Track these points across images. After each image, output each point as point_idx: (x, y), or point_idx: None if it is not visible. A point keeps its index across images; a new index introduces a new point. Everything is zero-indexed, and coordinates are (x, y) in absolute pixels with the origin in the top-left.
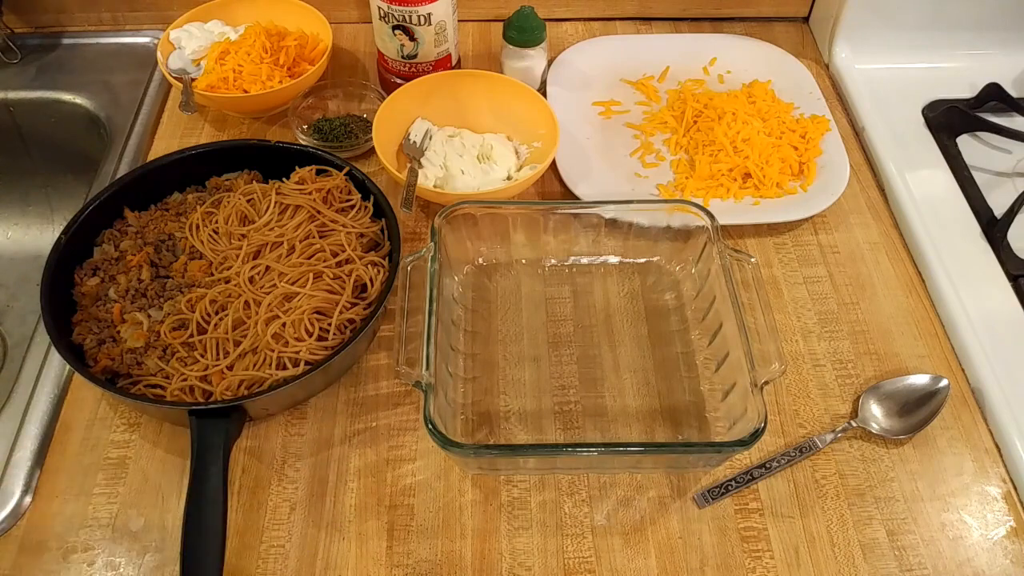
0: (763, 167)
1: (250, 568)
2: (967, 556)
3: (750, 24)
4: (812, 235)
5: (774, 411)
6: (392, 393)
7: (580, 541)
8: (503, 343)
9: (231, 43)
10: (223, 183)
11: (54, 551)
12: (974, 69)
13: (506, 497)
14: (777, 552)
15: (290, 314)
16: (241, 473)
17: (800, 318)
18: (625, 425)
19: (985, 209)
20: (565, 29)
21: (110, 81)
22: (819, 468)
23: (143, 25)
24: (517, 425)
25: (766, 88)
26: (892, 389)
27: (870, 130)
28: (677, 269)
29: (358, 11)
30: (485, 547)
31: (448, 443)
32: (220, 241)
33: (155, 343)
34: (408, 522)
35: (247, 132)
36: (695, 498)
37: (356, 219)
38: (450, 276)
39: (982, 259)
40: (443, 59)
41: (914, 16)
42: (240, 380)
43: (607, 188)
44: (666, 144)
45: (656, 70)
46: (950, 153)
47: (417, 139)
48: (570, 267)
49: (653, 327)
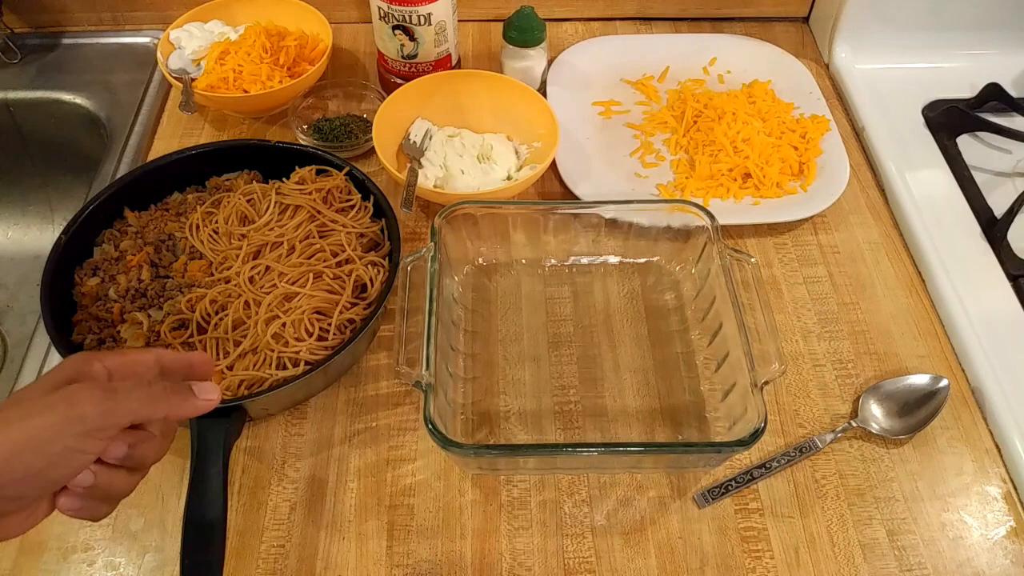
0: (763, 167)
1: (250, 568)
2: (967, 556)
3: (750, 24)
4: (812, 235)
5: (774, 411)
6: (392, 393)
7: (580, 541)
8: (503, 343)
9: (231, 43)
10: (223, 183)
11: (54, 551)
12: (974, 69)
13: (506, 497)
14: (777, 552)
15: (290, 314)
16: (241, 473)
17: (800, 318)
18: (625, 425)
19: (985, 209)
20: (565, 29)
21: (110, 81)
22: (819, 468)
23: (143, 25)
24: (517, 425)
25: (766, 88)
26: (892, 389)
27: (870, 130)
28: (677, 269)
29: (358, 11)
30: (485, 547)
31: (448, 443)
32: (220, 241)
33: (155, 343)
34: (408, 522)
35: (247, 132)
36: (695, 498)
37: (356, 219)
38: (450, 276)
39: (982, 259)
40: (443, 59)
41: (914, 16)
42: (240, 380)
43: (607, 188)
44: (666, 144)
45: (656, 70)
46: (950, 153)
47: (417, 139)
48: (570, 267)
49: (653, 327)
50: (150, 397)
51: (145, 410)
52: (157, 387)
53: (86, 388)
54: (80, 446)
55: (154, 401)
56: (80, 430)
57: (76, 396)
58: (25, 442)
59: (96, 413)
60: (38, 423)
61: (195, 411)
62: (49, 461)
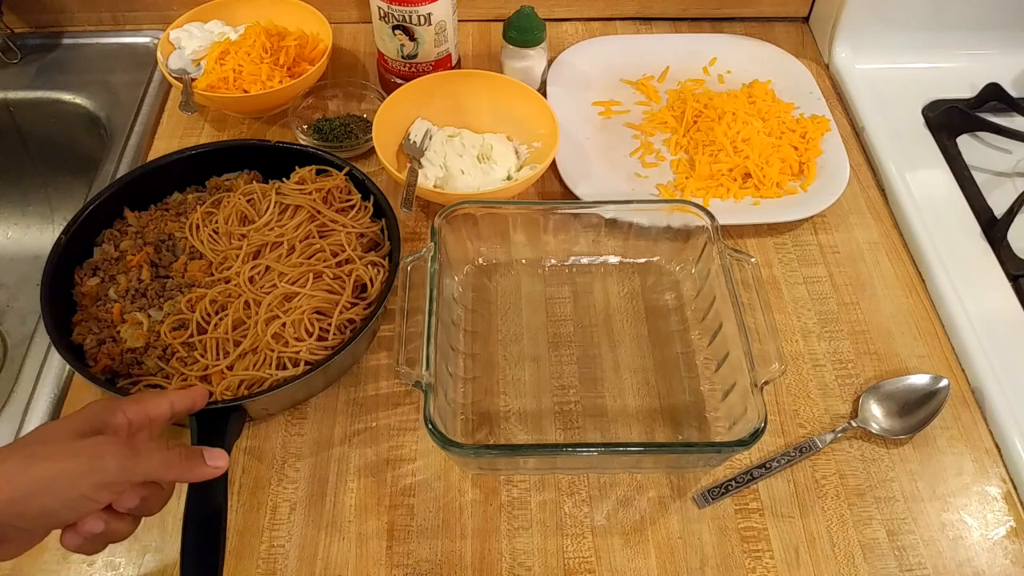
0: (763, 167)
1: (250, 568)
2: (967, 556)
3: (750, 24)
4: (812, 235)
5: (774, 411)
6: (392, 393)
7: (580, 541)
8: (503, 343)
9: (231, 43)
10: (223, 183)
11: (54, 551)
12: (974, 69)
13: (506, 497)
14: (777, 552)
15: (290, 314)
16: (241, 473)
17: (800, 318)
18: (625, 425)
19: (985, 209)
20: (565, 29)
21: (110, 81)
22: (819, 468)
23: (143, 25)
24: (517, 425)
25: (766, 88)
26: (892, 389)
27: (870, 130)
28: (677, 269)
29: (358, 11)
30: (485, 547)
31: (448, 443)
32: (220, 241)
33: (155, 343)
34: (408, 522)
35: (247, 132)
36: (695, 498)
37: (356, 219)
38: (450, 276)
39: (982, 259)
40: (443, 59)
41: (914, 16)
42: (240, 380)
43: (607, 188)
44: (666, 144)
45: (656, 70)
46: (950, 153)
47: (417, 139)
48: (570, 267)
49: (653, 327)
50: (166, 462)
51: (160, 472)
52: (173, 452)
53: (112, 443)
54: (95, 496)
55: (169, 466)
56: (99, 481)
57: (101, 448)
58: (47, 482)
59: (118, 468)
60: (62, 467)
61: (203, 477)
62: (64, 504)
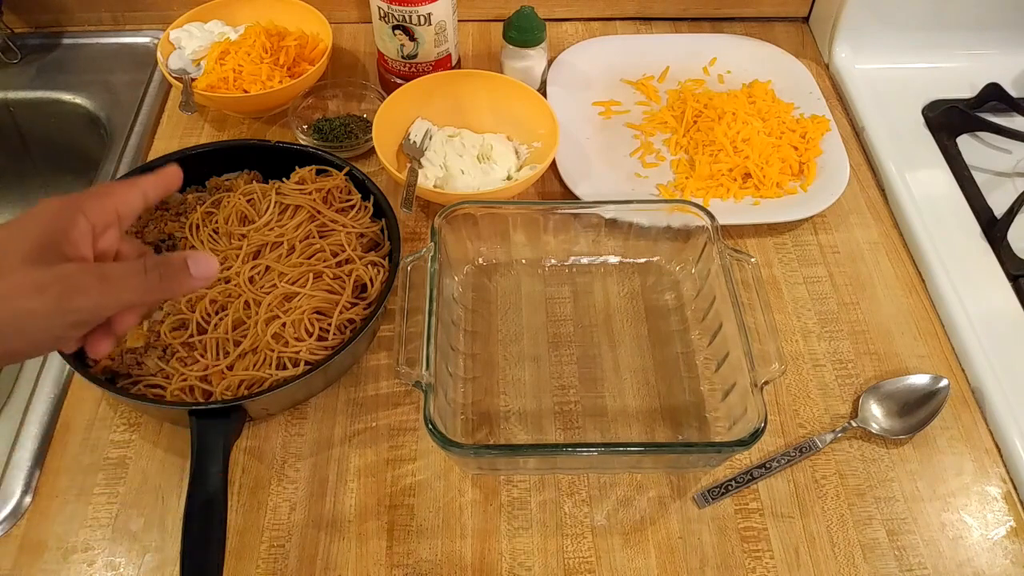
0: (763, 167)
1: (250, 568)
2: (967, 556)
3: (750, 24)
4: (812, 235)
5: (774, 411)
6: (392, 393)
7: (580, 541)
8: (503, 343)
9: (231, 43)
10: (223, 183)
11: (54, 551)
12: (974, 69)
13: (506, 497)
14: (777, 552)
15: (290, 314)
16: (241, 473)
17: (800, 318)
18: (625, 425)
19: (985, 209)
20: (565, 29)
21: (110, 81)
22: (819, 468)
23: (143, 25)
24: (517, 425)
25: (766, 88)
26: (892, 389)
27: (870, 130)
28: (677, 269)
29: (358, 11)
30: (485, 547)
31: (448, 443)
32: (220, 241)
33: (155, 343)
34: (408, 522)
35: (247, 132)
36: (695, 498)
37: (356, 219)
38: (450, 276)
39: (982, 259)
40: (443, 59)
41: (914, 16)
42: (240, 380)
43: (607, 188)
44: (666, 144)
45: (656, 70)
46: (950, 153)
47: (417, 139)
48: (570, 267)
49: (653, 327)
50: (146, 287)
51: (140, 299)
52: (153, 274)
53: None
54: (69, 334)
55: (150, 291)
56: (72, 321)
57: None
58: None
59: (91, 308)
60: (27, 307)
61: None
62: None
